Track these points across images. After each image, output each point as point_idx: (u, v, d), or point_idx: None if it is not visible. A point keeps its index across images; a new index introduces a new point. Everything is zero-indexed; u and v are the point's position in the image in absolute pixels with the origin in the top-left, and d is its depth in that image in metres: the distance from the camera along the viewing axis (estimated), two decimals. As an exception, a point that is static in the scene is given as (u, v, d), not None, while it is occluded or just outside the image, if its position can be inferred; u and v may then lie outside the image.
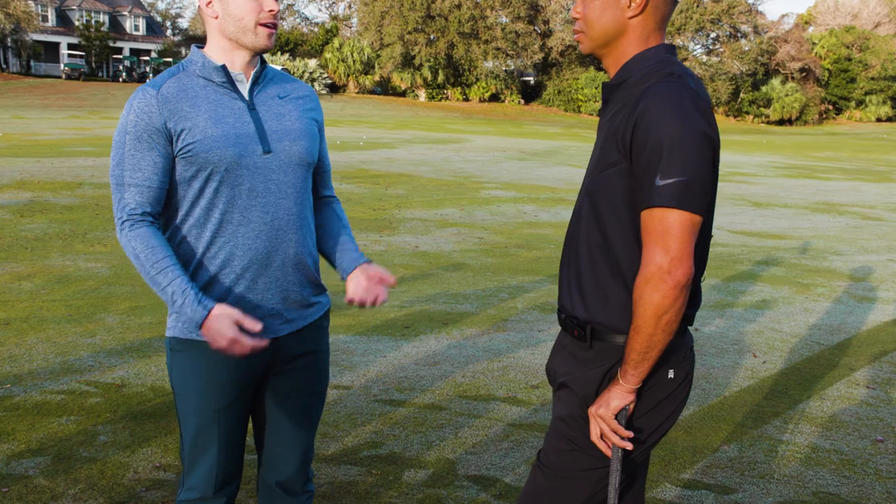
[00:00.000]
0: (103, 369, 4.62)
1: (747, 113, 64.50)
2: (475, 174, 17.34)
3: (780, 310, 6.69)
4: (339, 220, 2.34)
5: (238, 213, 2.06)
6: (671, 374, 1.82)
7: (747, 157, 29.02)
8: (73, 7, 62.86)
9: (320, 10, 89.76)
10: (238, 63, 2.10)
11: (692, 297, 1.86)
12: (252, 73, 2.13)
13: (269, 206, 2.09)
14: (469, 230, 10.33)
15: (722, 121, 62.66)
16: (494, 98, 59.94)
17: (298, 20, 74.47)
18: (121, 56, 60.66)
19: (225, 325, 1.94)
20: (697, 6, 59.58)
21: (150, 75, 55.40)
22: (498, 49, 57.05)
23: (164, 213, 2.09)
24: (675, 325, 1.69)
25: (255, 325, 1.96)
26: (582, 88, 57.38)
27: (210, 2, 2.07)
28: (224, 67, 2.08)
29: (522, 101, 60.59)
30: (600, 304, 1.81)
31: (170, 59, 58.13)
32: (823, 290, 7.59)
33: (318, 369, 2.28)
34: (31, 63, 59.93)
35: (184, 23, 77.86)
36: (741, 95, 63.76)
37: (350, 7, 71.07)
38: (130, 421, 3.90)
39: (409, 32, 56.66)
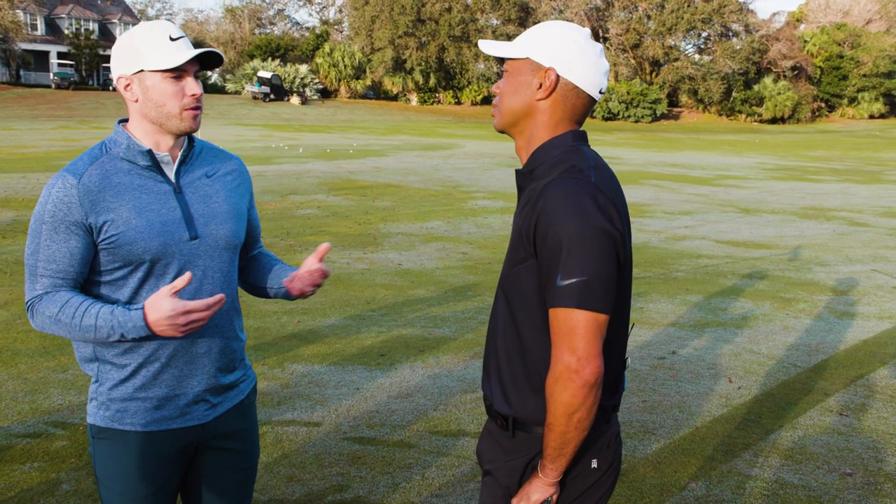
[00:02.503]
0: (72, 408, 4.59)
1: (740, 112, 64.63)
2: (463, 183, 17.32)
3: (759, 328, 6.68)
4: (270, 256, 2.36)
5: None
6: (594, 464, 1.80)
7: (738, 159, 29.04)
8: (63, 15, 62.75)
9: (311, 14, 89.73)
10: (164, 145, 2.04)
11: (614, 385, 1.84)
12: (179, 153, 2.08)
13: (194, 293, 2.05)
14: (454, 245, 10.32)
15: (714, 120, 62.78)
16: (486, 101, 59.95)
17: (289, 25, 74.39)
18: (110, 64, 60.60)
19: (164, 305, 1.87)
20: (688, 6, 59.74)
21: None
22: (489, 52, 57.00)
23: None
24: (588, 421, 1.67)
25: (184, 280, 1.89)
26: (573, 90, 57.44)
27: (129, 84, 1.99)
28: (150, 152, 2.01)
29: (515, 104, 60.57)
30: (519, 398, 1.80)
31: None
32: (805, 304, 7.58)
33: (246, 446, 2.25)
34: (21, 72, 59.81)
35: (175, 29, 77.60)
36: (733, 94, 63.90)
37: (341, 12, 71.09)
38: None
39: (400, 36, 56.66)
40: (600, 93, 1.82)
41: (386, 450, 4.15)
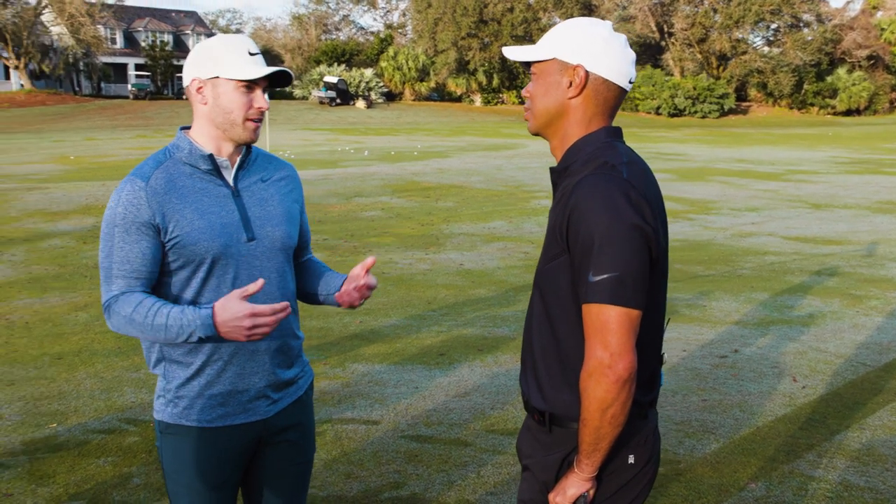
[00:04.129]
0: (144, 406, 4.77)
1: (812, 105, 62.83)
2: (526, 183, 17.29)
3: (827, 326, 6.53)
4: (319, 264, 2.43)
5: None
6: (631, 460, 1.82)
7: (809, 153, 28.29)
8: (140, 29, 64.79)
9: (375, 19, 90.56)
10: (224, 150, 2.15)
11: (650, 380, 1.86)
12: (237, 159, 2.18)
13: (253, 295, 2.13)
14: (515, 244, 10.33)
15: (785, 114, 61.23)
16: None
17: (354, 30, 75.22)
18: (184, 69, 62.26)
19: (234, 307, 1.95)
20: (756, -3, 58.30)
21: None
22: (553, 51, 56.72)
23: None
24: (622, 417, 1.69)
25: (256, 286, 1.97)
26: (639, 87, 56.67)
27: (201, 88, 2.11)
28: (211, 156, 2.12)
29: (579, 102, 60.08)
30: (555, 393, 1.83)
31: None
32: (877, 302, 7.38)
33: (304, 441, 2.34)
34: (102, 85, 61.91)
35: (244, 37, 79.17)
36: (805, 87, 62.15)
37: (404, 15, 71.57)
38: (164, 462, 4.02)
39: (463, 38, 56.78)
40: (630, 83, 1.84)
41: (442, 448, 4.20)
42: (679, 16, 59.62)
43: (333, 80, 54.51)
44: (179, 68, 63.23)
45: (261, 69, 2.09)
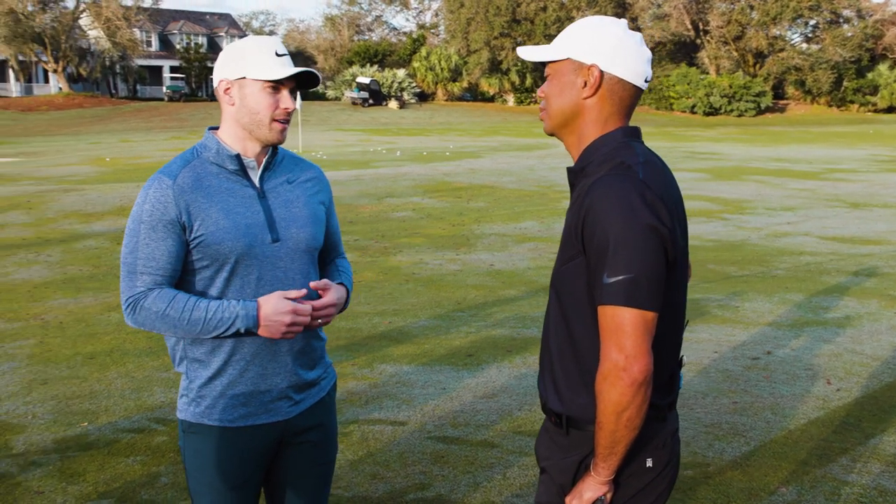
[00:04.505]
0: (173, 405, 4.80)
1: (852, 102, 61.78)
2: (558, 183, 17.21)
3: (863, 328, 6.41)
4: (341, 269, 2.40)
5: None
6: (649, 463, 1.79)
7: (849, 151, 27.83)
8: (175, 31, 65.61)
9: (408, 19, 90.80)
10: (251, 151, 2.17)
11: (669, 383, 1.82)
12: (264, 159, 2.19)
13: None
14: (546, 245, 10.28)
15: (824, 112, 60.29)
16: (584, 99, 59.30)
17: (387, 31, 75.47)
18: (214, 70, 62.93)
19: (278, 302, 2.04)
20: (794, -7, 57.48)
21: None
22: (586, 50, 56.48)
23: None
24: (638, 420, 1.66)
25: (300, 293, 2.08)
26: (673, 85, 56.18)
27: (229, 89, 2.13)
28: (238, 156, 2.14)
29: (613, 101, 59.71)
30: (571, 396, 1.80)
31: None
32: (915, 302, 7.23)
33: (326, 442, 2.34)
34: (137, 87, 62.77)
35: (278, 39, 79.79)
36: (844, 84, 61.14)
37: (437, 15, 71.67)
38: (192, 461, 4.04)
39: (496, 37, 56.71)
40: (646, 81, 1.82)
41: (469, 449, 4.18)
42: (715, 13, 58.97)
43: (366, 80, 54.73)
44: (213, 70, 63.94)
45: (286, 69, 2.10)
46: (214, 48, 67.26)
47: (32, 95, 56.46)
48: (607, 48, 1.77)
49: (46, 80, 61.02)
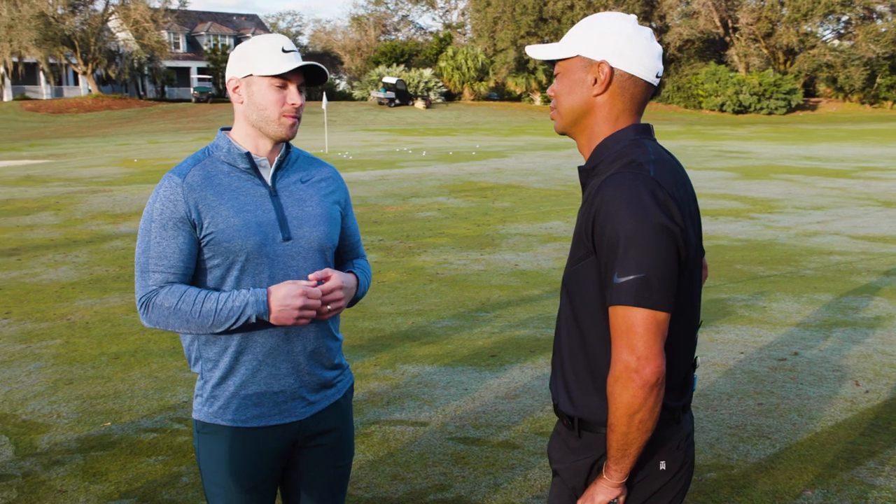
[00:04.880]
0: (196, 406, 4.82)
1: (885, 99, 60.84)
2: (584, 182, 17.08)
3: (894, 328, 6.29)
4: (359, 270, 2.38)
5: None
6: (663, 466, 1.76)
7: (882, 149, 27.40)
8: (202, 33, 66.17)
9: (434, 19, 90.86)
10: (262, 149, 2.16)
11: (683, 385, 1.79)
12: (276, 158, 2.18)
13: None
14: (571, 245, 10.20)
15: (856, 109, 59.47)
16: (611, 98, 58.95)
17: (413, 31, 75.58)
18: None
19: (287, 287, 2.03)
20: (826, -11, 56.72)
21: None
22: (613, 48, 56.17)
23: None
24: (651, 422, 1.63)
25: (311, 283, 2.08)
26: (702, 84, 55.69)
27: (237, 87, 2.14)
28: (248, 154, 2.13)
29: (640, 100, 59.32)
30: (583, 398, 1.77)
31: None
32: (947, 303, 7.09)
33: (341, 445, 2.32)
34: (165, 88, 63.38)
35: (304, 40, 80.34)
36: (878, 81, 60.22)
37: (463, 14, 71.61)
38: (213, 461, 4.06)
39: (523, 36, 56.56)
40: (657, 77, 1.78)
41: (490, 450, 4.16)
42: (744, 10, 58.38)
43: (392, 80, 54.82)
44: (241, 71, 64.28)
45: (292, 63, 2.09)
46: (242, 49, 67.73)
47: (63, 98, 57.18)
48: (617, 44, 1.74)
49: (76, 83, 61.80)
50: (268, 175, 2.17)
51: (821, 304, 7.06)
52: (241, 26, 70.64)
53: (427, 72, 57.51)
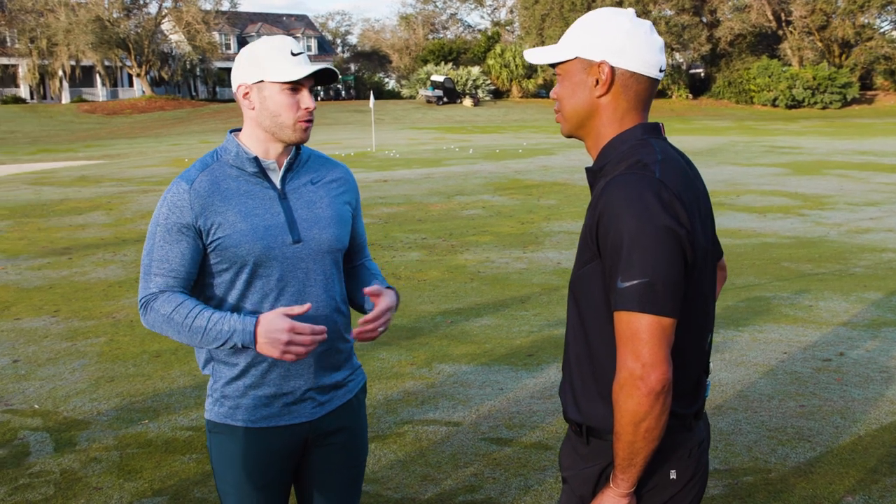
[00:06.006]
0: (233, 404, 4.87)
1: (945, 91, 59.07)
2: (631, 179, 16.89)
3: (946, 328, 6.09)
4: (369, 271, 2.37)
5: (268, 303, 2.12)
6: (673, 475, 1.70)
7: (940, 143, 26.60)
8: (253, 34, 67.03)
9: (482, 17, 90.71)
10: (273, 152, 2.15)
11: (694, 392, 1.73)
12: (285, 160, 2.17)
13: (298, 295, 2.14)
14: (615, 243, 10.09)
15: (915, 102, 57.77)
16: (661, 94, 58.24)
17: (461, 29, 75.55)
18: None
19: (276, 320, 1.99)
20: (884, -22, 55.19)
21: (321, 93, 57.97)
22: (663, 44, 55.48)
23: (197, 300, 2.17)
24: (658, 431, 1.58)
25: (303, 308, 2.02)
26: (754, 78, 54.65)
27: (247, 93, 2.12)
28: (256, 159, 2.13)
29: (690, 96, 58.54)
30: (590, 405, 1.73)
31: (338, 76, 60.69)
32: None
33: (354, 445, 2.31)
34: (217, 89, 64.35)
35: (352, 39, 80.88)
36: (937, 73, 58.48)
37: (511, 12, 71.36)
38: (246, 459, 4.09)
39: (571, 33, 56.05)
40: (661, 71, 1.73)
41: (522, 451, 4.12)
42: (798, 3, 57.10)
43: (440, 79, 54.85)
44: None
45: (305, 68, 2.08)
46: (291, 50, 68.50)
47: (117, 99, 58.39)
48: (615, 42, 1.69)
49: (131, 85, 63.07)
50: (277, 178, 2.16)
51: (870, 303, 6.86)
52: (291, 26, 71.35)
53: (475, 69, 57.44)
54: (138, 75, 58.76)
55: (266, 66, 2.08)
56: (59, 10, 54.80)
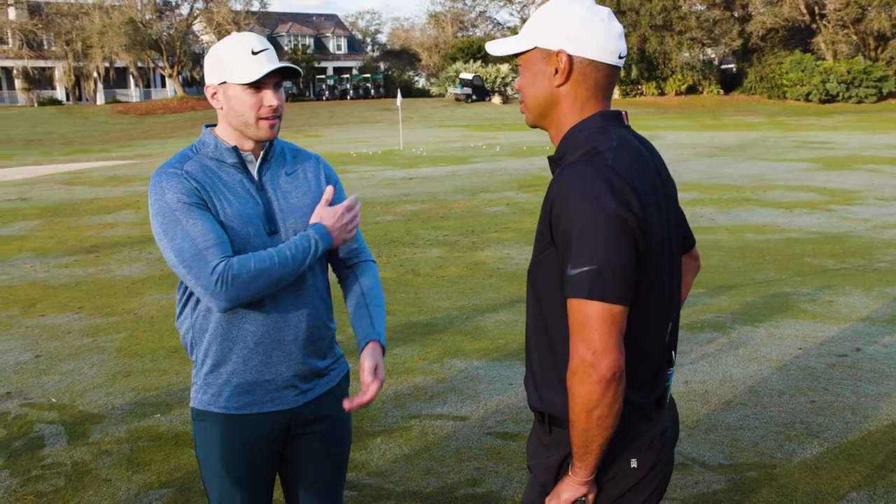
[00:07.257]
0: (245, 398, 4.92)
1: None
2: (657, 175, 16.77)
3: (968, 324, 5.99)
4: (359, 286, 2.35)
5: None
6: (634, 464, 1.70)
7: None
8: (283, 33, 67.49)
9: (511, 14, 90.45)
10: (246, 147, 2.19)
11: (653, 381, 1.73)
12: (261, 152, 2.21)
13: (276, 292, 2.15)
14: (636, 239, 10.03)
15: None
16: (692, 90, 57.73)
17: (490, 26, 75.44)
18: (324, 76, 64.19)
19: (330, 210, 2.21)
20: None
21: (350, 92, 58.22)
22: (693, 39, 54.92)
23: (183, 287, 2.20)
24: (610, 419, 1.58)
25: (353, 198, 2.31)
26: (786, 73, 53.91)
27: (215, 94, 2.15)
28: (236, 149, 2.16)
29: (722, 91, 57.88)
30: (550, 393, 1.73)
31: (367, 75, 60.93)
32: None
33: (337, 433, 2.33)
34: (248, 88, 64.87)
35: (382, 38, 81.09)
36: (976, 65, 57.24)
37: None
38: (254, 453, 4.14)
39: (600, 29, 55.71)
40: (620, 58, 1.73)
41: (526, 445, 4.12)
42: (832, -5, 56.24)
43: (469, 76, 54.83)
44: (321, 70, 65.40)
45: (264, 67, 2.08)
46: (321, 49, 68.88)
47: (150, 100, 59.11)
48: (571, 30, 1.69)
49: (163, 85, 63.83)
50: (254, 169, 2.19)
51: (891, 299, 6.76)
52: (321, 26, 71.78)
53: (504, 67, 57.32)
54: (170, 76, 59.43)
55: (227, 67, 2.10)
56: (94, 13, 55.63)
